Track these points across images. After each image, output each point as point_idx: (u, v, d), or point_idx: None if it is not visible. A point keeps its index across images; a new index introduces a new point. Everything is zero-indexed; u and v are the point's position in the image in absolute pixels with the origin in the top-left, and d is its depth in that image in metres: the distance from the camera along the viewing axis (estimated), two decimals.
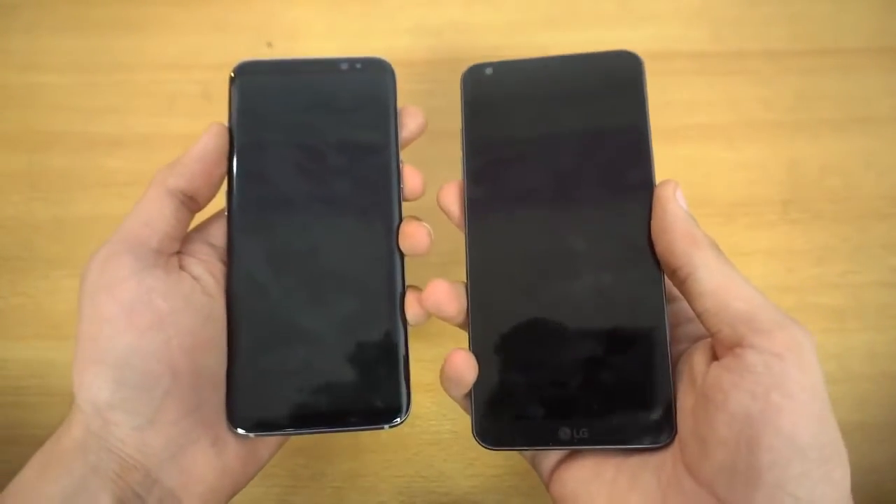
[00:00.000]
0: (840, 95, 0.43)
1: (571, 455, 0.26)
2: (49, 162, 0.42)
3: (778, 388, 0.20)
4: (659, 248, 0.25)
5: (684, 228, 0.25)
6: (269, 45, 0.45)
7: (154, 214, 0.25)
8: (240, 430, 0.25)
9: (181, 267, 0.26)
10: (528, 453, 0.28)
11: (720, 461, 0.21)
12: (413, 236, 0.27)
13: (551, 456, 0.27)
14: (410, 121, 0.29)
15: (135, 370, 0.23)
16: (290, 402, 0.26)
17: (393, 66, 0.29)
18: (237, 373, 0.26)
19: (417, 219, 0.28)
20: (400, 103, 0.29)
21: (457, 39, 0.45)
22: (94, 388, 0.23)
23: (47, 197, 0.41)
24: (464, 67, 0.29)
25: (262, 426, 0.26)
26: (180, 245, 0.27)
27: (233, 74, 0.28)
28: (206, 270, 0.26)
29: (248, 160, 0.27)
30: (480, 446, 0.26)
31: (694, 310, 0.24)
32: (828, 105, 0.43)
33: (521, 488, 0.35)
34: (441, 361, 0.25)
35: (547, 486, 0.27)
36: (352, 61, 0.29)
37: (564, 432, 0.25)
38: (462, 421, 0.36)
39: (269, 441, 0.28)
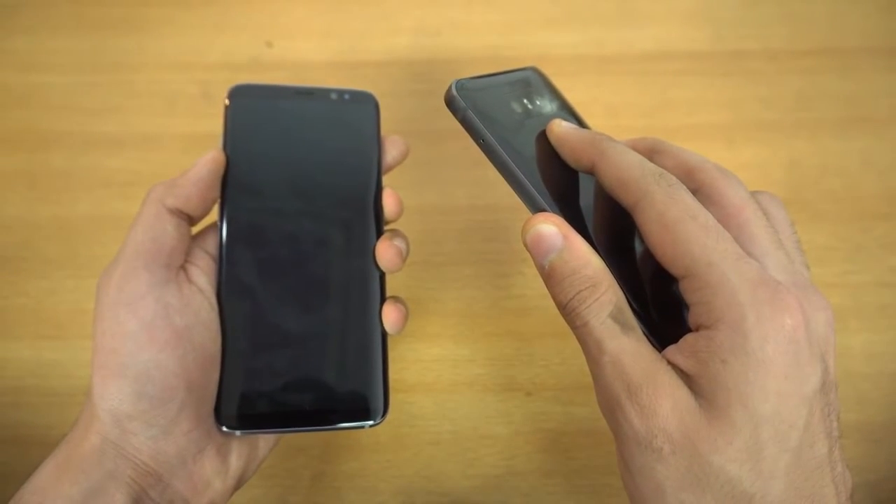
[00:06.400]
0: (840, 95, 0.43)
1: None
2: (49, 162, 0.42)
3: None
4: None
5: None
6: (269, 44, 0.45)
7: (159, 231, 0.27)
8: (225, 428, 0.27)
9: (188, 277, 0.27)
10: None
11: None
12: (383, 256, 0.29)
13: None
14: (393, 148, 0.32)
15: (154, 384, 0.25)
16: (274, 403, 0.27)
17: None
18: (225, 373, 0.27)
19: (394, 237, 0.30)
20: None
21: (457, 39, 0.45)
22: (116, 399, 0.24)
23: (47, 197, 0.41)
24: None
25: (246, 425, 0.27)
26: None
27: (227, 99, 0.30)
28: (209, 282, 0.28)
29: (241, 180, 0.29)
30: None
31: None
32: (827, 105, 0.43)
33: (522, 488, 0.35)
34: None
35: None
36: (340, 92, 0.32)
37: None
38: (462, 421, 0.36)
39: (269, 438, 0.29)
